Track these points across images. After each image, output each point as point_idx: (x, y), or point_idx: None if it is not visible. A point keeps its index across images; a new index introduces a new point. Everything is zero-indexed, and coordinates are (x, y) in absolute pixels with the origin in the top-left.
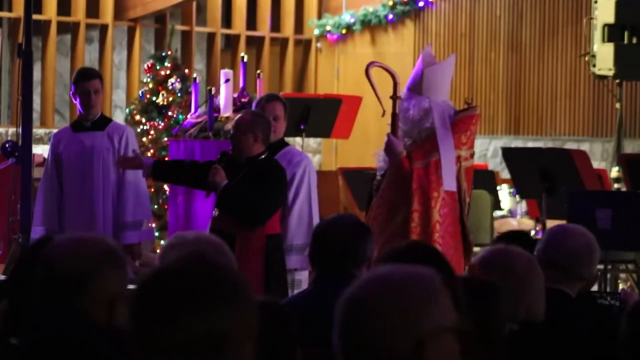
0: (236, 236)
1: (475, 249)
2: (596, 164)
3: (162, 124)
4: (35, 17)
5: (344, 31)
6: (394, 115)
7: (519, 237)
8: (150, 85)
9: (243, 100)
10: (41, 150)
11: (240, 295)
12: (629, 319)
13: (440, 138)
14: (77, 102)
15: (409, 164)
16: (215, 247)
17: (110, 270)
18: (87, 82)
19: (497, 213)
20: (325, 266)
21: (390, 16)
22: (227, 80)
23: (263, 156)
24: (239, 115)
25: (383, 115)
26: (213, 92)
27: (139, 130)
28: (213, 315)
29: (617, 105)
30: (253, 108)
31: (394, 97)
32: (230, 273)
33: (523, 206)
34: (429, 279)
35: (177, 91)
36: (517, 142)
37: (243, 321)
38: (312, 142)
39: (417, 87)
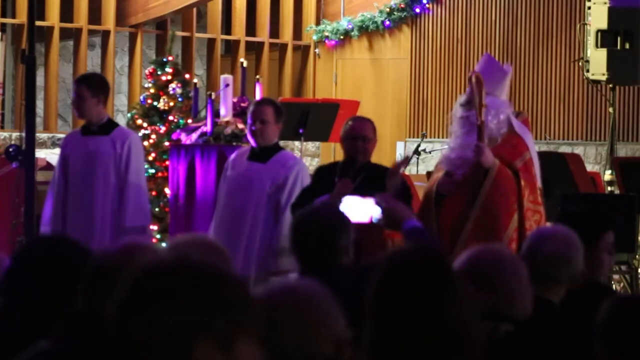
0: (361, 242)
1: None
2: (590, 167)
3: (164, 128)
4: (38, 23)
5: (341, 37)
6: (481, 123)
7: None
8: (152, 90)
9: (242, 105)
10: (44, 155)
11: (230, 295)
12: (611, 309)
13: (526, 139)
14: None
15: (504, 166)
16: (211, 249)
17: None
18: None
19: None
20: (307, 259)
21: (387, 22)
22: (227, 85)
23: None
24: (356, 124)
25: (479, 123)
26: (213, 97)
27: (140, 134)
28: (200, 311)
29: (610, 110)
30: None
31: (480, 105)
32: (219, 273)
33: None
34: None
35: (177, 96)
36: None
37: (232, 320)
38: (311, 146)
39: (499, 90)
